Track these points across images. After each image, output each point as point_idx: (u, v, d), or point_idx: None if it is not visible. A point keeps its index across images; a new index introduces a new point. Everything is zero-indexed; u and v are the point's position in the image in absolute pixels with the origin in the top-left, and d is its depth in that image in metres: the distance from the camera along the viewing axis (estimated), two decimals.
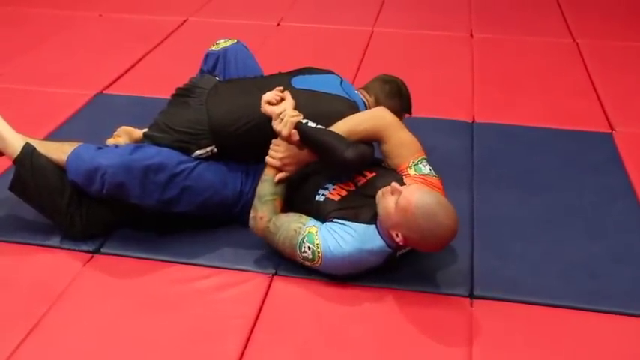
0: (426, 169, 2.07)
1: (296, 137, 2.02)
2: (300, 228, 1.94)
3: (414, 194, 1.83)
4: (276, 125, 2.03)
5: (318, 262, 1.93)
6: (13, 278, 2.03)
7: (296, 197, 2.09)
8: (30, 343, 1.80)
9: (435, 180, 2.06)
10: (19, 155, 2.10)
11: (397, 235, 1.86)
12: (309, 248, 1.92)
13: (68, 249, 2.13)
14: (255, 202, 2.03)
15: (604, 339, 1.84)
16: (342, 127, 2.06)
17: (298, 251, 1.94)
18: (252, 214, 2.03)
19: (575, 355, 1.80)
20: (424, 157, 2.11)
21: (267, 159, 2.05)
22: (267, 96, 2.10)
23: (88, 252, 2.12)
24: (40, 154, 2.11)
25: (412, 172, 2.06)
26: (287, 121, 2.01)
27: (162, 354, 1.78)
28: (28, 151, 2.11)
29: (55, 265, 2.07)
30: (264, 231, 2.00)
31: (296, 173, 2.06)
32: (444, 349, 1.80)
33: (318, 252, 1.91)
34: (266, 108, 2.09)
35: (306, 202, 2.08)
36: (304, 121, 2.03)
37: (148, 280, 2.03)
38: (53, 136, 2.73)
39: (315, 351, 1.79)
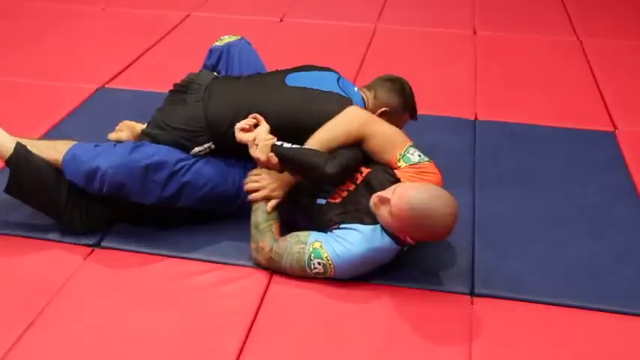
0: (414, 157, 2.04)
1: (275, 160, 2.00)
2: (302, 248, 1.93)
3: (403, 199, 1.81)
4: (253, 152, 2.01)
5: (332, 273, 1.93)
6: (13, 272, 2.03)
7: (296, 200, 2.08)
8: (30, 336, 1.80)
9: (426, 165, 2.04)
10: (12, 155, 2.07)
11: (406, 238, 1.88)
12: (319, 264, 1.92)
13: (68, 243, 2.12)
14: (253, 232, 2.01)
15: (605, 338, 1.84)
16: (316, 141, 2.04)
17: (309, 270, 1.94)
18: (252, 246, 2.01)
19: (576, 354, 1.79)
20: (410, 144, 2.07)
21: (254, 195, 2.02)
22: (240, 124, 2.06)
23: (88, 246, 2.12)
24: (33, 153, 2.09)
25: (402, 163, 2.04)
26: (262, 146, 1.99)
27: (162, 348, 1.77)
28: (21, 149, 2.08)
29: (55, 259, 2.07)
30: (269, 261, 1.99)
31: (285, 196, 2.04)
32: (444, 347, 1.80)
33: (330, 264, 1.91)
34: (240, 136, 2.05)
35: (307, 205, 2.07)
36: (279, 143, 2.01)
37: (148, 274, 2.03)
38: (55, 130, 2.74)
39: (314, 347, 1.79)
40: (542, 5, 4.40)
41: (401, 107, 2.31)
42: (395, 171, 2.04)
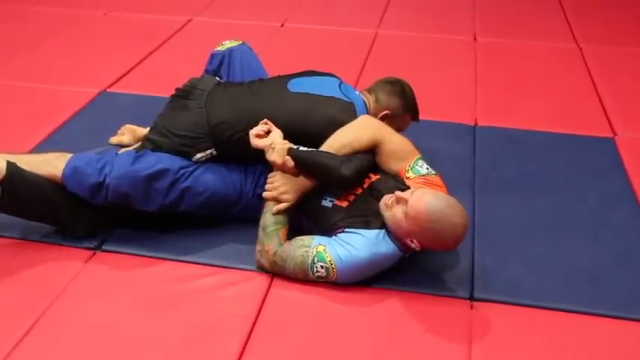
0: (423, 169, 2.08)
1: (291, 164, 2.01)
2: (306, 252, 1.94)
3: (422, 201, 1.83)
4: (269, 156, 2.03)
5: (334, 277, 1.94)
6: (15, 274, 2.03)
7: (302, 202, 2.08)
8: (31, 339, 1.80)
9: (434, 177, 2.08)
10: (5, 175, 1.98)
11: (412, 242, 1.88)
12: (322, 267, 1.92)
13: (70, 246, 2.13)
14: (260, 234, 2.01)
15: (604, 343, 1.84)
16: (328, 147, 2.06)
17: (311, 273, 1.94)
18: (258, 248, 2.01)
19: (574, 359, 1.80)
20: (419, 156, 2.12)
21: (265, 194, 2.04)
22: (254, 131, 2.08)
23: (90, 249, 2.13)
24: (25, 170, 2.02)
25: (411, 174, 2.07)
26: (279, 149, 2.01)
27: (162, 352, 1.78)
28: (13, 167, 2.00)
29: (56, 262, 2.07)
30: (272, 265, 1.99)
31: (296, 201, 2.04)
32: (443, 351, 1.80)
33: (333, 268, 1.92)
34: (256, 142, 2.06)
35: (312, 207, 2.08)
36: (295, 147, 2.03)
37: (148, 277, 2.03)
38: (56, 134, 2.75)
39: (314, 351, 1.80)
40: (542, 12, 4.42)
41: (402, 109, 2.33)
42: (405, 180, 2.06)
